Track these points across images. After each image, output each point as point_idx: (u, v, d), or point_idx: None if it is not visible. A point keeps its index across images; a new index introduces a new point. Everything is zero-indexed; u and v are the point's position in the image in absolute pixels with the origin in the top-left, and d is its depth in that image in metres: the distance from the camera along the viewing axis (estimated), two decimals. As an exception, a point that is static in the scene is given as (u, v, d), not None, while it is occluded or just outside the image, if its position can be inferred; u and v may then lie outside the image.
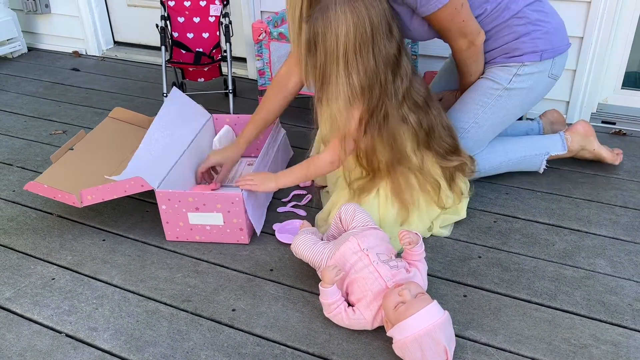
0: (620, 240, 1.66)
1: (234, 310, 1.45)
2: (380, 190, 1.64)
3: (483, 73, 1.80)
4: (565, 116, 2.31)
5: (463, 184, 1.74)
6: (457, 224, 1.75)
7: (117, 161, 1.90)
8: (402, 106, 1.54)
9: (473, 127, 1.79)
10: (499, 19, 1.70)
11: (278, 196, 1.92)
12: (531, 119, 2.12)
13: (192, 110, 2.02)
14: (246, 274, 1.58)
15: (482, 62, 1.78)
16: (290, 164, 2.06)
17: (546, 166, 1.93)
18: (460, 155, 1.69)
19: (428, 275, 1.46)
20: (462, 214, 1.75)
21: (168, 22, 2.55)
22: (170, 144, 1.83)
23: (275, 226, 1.74)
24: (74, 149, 1.89)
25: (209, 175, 1.91)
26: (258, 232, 1.70)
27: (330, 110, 1.50)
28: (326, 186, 1.90)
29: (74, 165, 1.83)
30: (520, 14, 1.70)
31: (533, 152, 1.91)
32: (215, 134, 2.08)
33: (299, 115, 1.88)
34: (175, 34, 2.58)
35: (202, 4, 2.56)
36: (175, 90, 1.99)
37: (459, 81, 1.88)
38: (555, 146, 1.93)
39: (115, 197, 1.64)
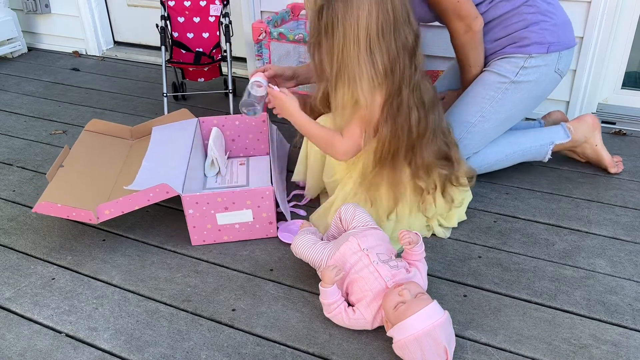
0: (620, 240, 1.66)
1: (234, 310, 1.45)
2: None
3: (489, 66, 1.80)
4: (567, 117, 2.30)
5: (457, 192, 1.67)
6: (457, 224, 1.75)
7: (113, 173, 1.89)
8: (410, 98, 1.47)
9: (480, 121, 1.79)
10: (508, 5, 1.71)
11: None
12: (532, 120, 2.12)
13: (178, 126, 2.03)
14: (246, 274, 1.58)
15: (481, 52, 1.78)
16: (290, 156, 2.11)
17: (550, 157, 1.92)
18: (450, 164, 1.60)
19: (428, 275, 1.46)
20: (453, 223, 1.71)
21: (168, 22, 2.55)
22: (173, 153, 1.84)
23: (280, 224, 1.74)
24: (64, 166, 1.85)
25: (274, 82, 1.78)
26: (289, 218, 1.76)
27: (352, 94, 1.45)
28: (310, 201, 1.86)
29: (71, 182, 1.79)
30: (531, 2, 1.71)
31: (538, 143, 1.91)
32: (203, 137, 2.06)
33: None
34: (175, 34, 2.58)
35: (202, 4, 2.56)
36: (154, 128, 2.03)
37: (460, 76, 1.88)
38: (559, 135, 1.92)
39: (136, 207, 1.60)
